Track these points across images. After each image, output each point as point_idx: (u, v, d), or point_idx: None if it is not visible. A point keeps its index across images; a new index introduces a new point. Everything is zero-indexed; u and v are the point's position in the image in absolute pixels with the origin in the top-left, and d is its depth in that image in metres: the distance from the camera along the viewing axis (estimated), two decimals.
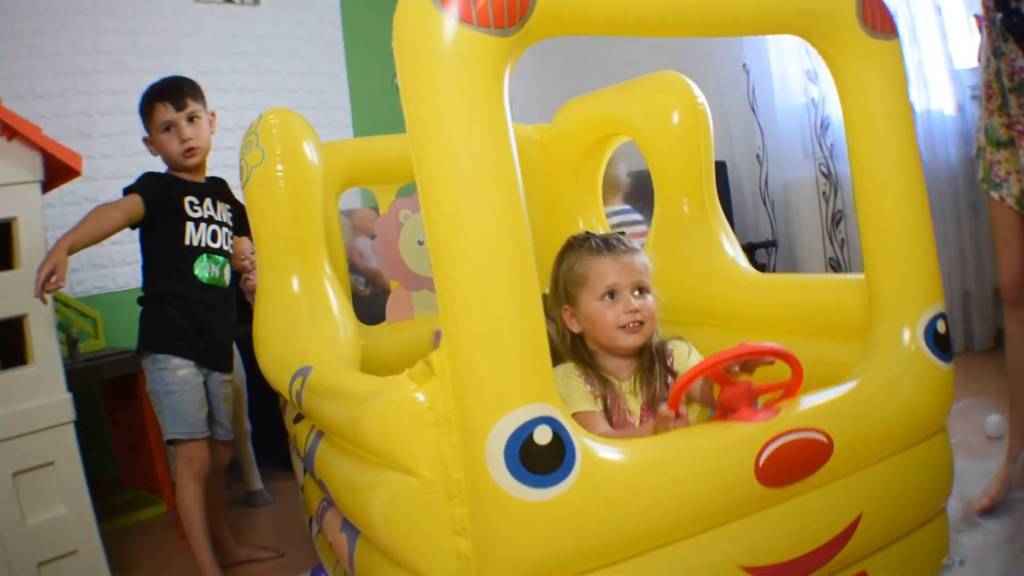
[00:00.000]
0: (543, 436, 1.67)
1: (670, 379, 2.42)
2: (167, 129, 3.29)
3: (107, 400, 4.85)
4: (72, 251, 2.96)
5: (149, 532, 4.26)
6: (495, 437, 1.66)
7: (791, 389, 2.05)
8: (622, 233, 2.56)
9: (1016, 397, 3.04)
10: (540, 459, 1.67)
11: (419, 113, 1.70)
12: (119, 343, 4.93)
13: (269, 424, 4.44)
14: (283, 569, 3.51)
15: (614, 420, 2.38)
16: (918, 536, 2.26)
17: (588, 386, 2.39)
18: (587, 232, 2.55)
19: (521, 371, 1.69)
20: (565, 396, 2.30)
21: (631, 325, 2.38)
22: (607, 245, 2.45)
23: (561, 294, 2.50)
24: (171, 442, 3.27)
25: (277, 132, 2.91)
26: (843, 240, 5.45)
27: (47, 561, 2.98)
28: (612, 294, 2.39)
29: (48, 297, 2.87)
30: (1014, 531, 2.79)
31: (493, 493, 1.69)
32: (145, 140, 3.39)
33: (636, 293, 2.40)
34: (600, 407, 2.38)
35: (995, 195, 2.87)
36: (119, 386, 4.65)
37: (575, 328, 2.47)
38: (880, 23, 2.20)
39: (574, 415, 2.19)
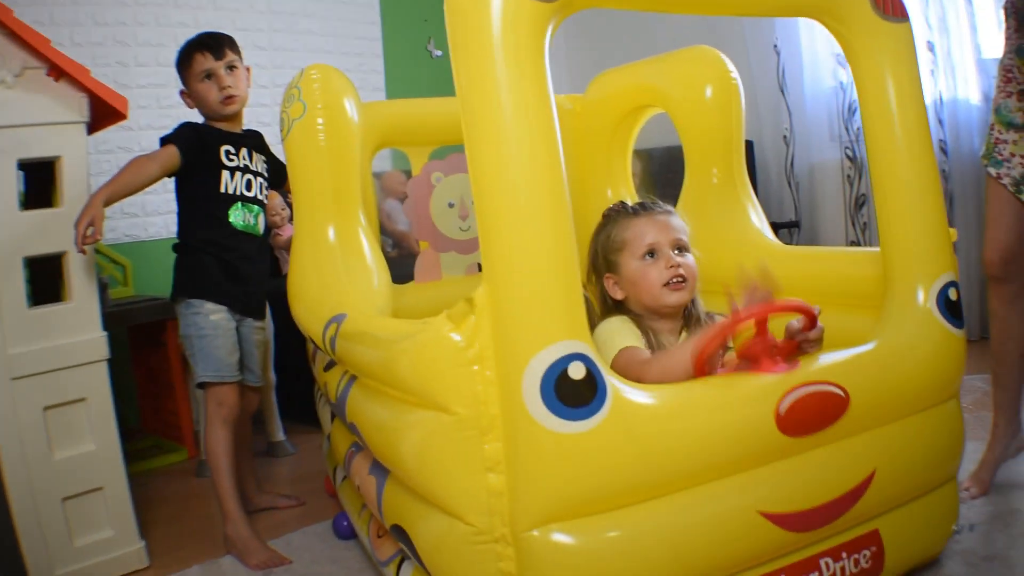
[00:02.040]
0: (577, 371, 1.77)
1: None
2: (207, 78, 3.31)
3: (132, 348, 4.92)
4: (109, 203, 2.99)
5: (170, 477, 4.32)
6: (532, 371, 1.75)
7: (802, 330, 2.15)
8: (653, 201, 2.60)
9: (1000, 375, 3.06)
10: (574, 393, 1.77)
11: (468, 72, 1.82)
12: (147, 291, 4.99)
13: (293, 378, 4.53)
14: (303, 517, 3.55)
15: None
16: (929, 500, 2.34)
17: (641, 337, 2.41)
18: (620, 202, 2.59)
19: (557, 309, 1.78)
20: (619, 332, 2.39)
21: (674, 282, 2.41)
22: (643, 207, 2.50)
23: (601, 265, 2.53)
24: (201, 385, 3.31)
25: (319, 87, 2.97)
26: (865, 224, 5.48)
27: (72, 496, 3.00)
28: (652, 253, 2.42)
29: (88, 248, 2.91)
30: (1020, 506, 2.84)
31: (528, 425, 1.77)
32: (182, 93, 3.42)
33: (676, 252, 2.43)
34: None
35: (993, 171, 2.89)
36: (145, 334, 4.72)
37: (618, 295, 2.49)
38: (892, 7, 2.31)
39: (624, 349, 2.27)
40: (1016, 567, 2.46)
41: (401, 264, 3.44)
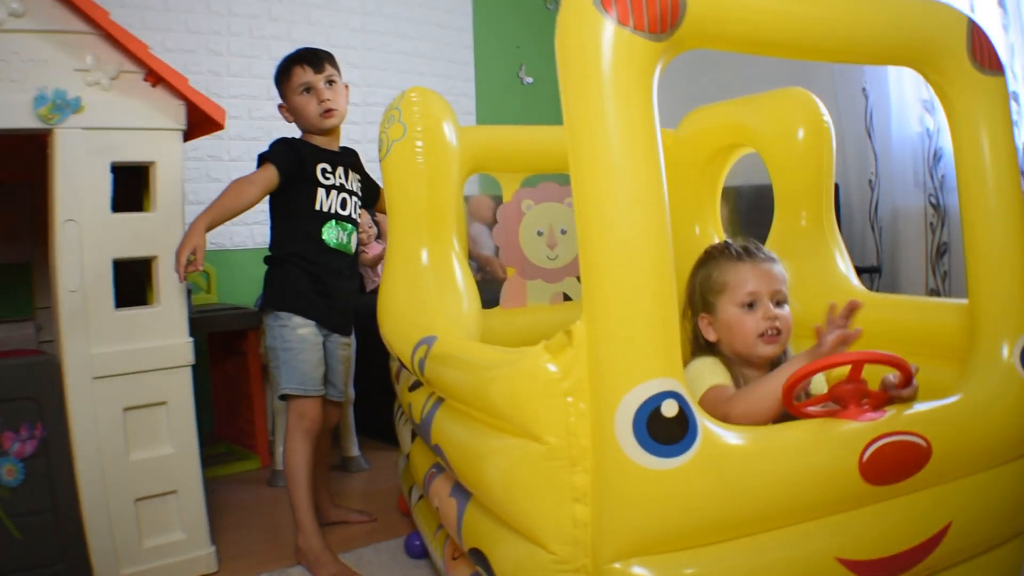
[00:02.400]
0: (670, 409, 1.78)
1: (802, 395, 2.40)
2: (306, 91, 3.35)
3: (211, 355, 4.99)
4: (210, 229, 3.05)
5: (242, 485, 4.37)
6: (626, 406, 1.77)
7: (895, 388, 2.16)
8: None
9: None
10: (666, 430, 1.78)
11: (577, 105, 1.85)
12: (229, 300, 5.05)
13: (370, 394, 4.56)
14: (375, 533, 3.57)
15: None
16: (997, 553, 2.34)
17: (730, 380, 2.41)
18: (726, 241, 2.59)
19: (655, 346, 1.80)
20: (710, 371, 2.40)
21: (769, 334, 2.41)
22: (748, 253, 2.49)
23: (698, 302, 2.53)
24: (284, 397, 3.34)
25: (419, 109, 3.00)
26: (946, 272, 5.43)
27: (145, 497, 3.04)
28: (752, 303, 2.42)
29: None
30: None
31: (618, 459, 1.79)
32: (280, 107, 3.46)
33: (775, 303, 2.43)
34: None
35: None
36: (225, 342, 4.78)
37: (711, 336, 2.49)
38: (988, 60, 2.32)
39: (712, 388, 2.29)
40: None
41: (484, 289, 3.47)
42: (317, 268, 3.35)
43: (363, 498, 4.12)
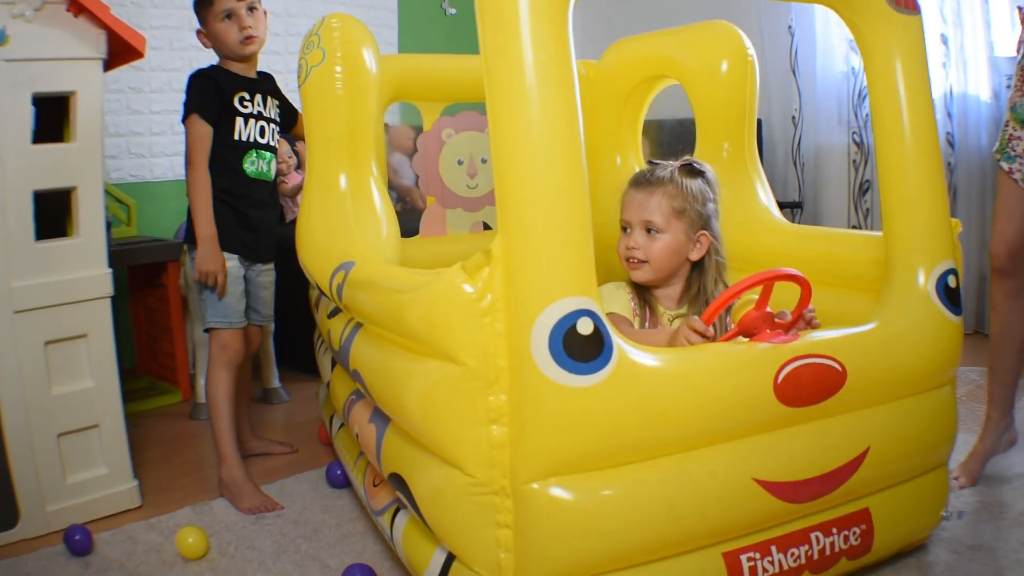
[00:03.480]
0: (585, 327, 1.80)
1: (729, 323, 2.46)
2: (227, 17, 3.28)
3: (131, 288, 4.93)
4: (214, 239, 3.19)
5: (164, 419, 4.34)
6: (542, 324, 1.78)
7: (801, 307, 2.21)
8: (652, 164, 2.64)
9: (996, 368, 3.09)
10: (581, 347, 1.80)
11: (493, 32, 1.85)
12: (149, 232, 4.97)
13: (290, 325, 4.53)
14: (296, 464, 3.57)
15: None
16: (919, 483, 2.38)
17: (632, 302, 2.50)
18: (649, 161, 2.65)
19: (569, 265, 1.82)
20: (607, 298, 2.46)
21: (632, 261, 2.50)
22: (638, 178, 2.58)
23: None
24: (207, 331, 3.34)
25: (339, 35, 2.97)
26: (867, 210, 5.50)
27: (68, 432, 3.01)
28: (625, 228, 2.51)
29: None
30: (1008, 499, 2.88)
31: (535, 378, 1.80)
32: (198, 33, 3.40)
33: (647, 231, 2.50)
34: (636, 325, 2.48)
35: (1005, 166, 2.91)
36: (145, 275, 4.72)
37: None
38: (904, 0, 2.34)
39: (608, 314, 2.28)
40: (1001, 558, 2.49)
41: (406, 219, 3.46)
42: (239, 201, 3.32)
43: (284, 429, 4.12)
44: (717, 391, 1.97)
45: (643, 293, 2.55)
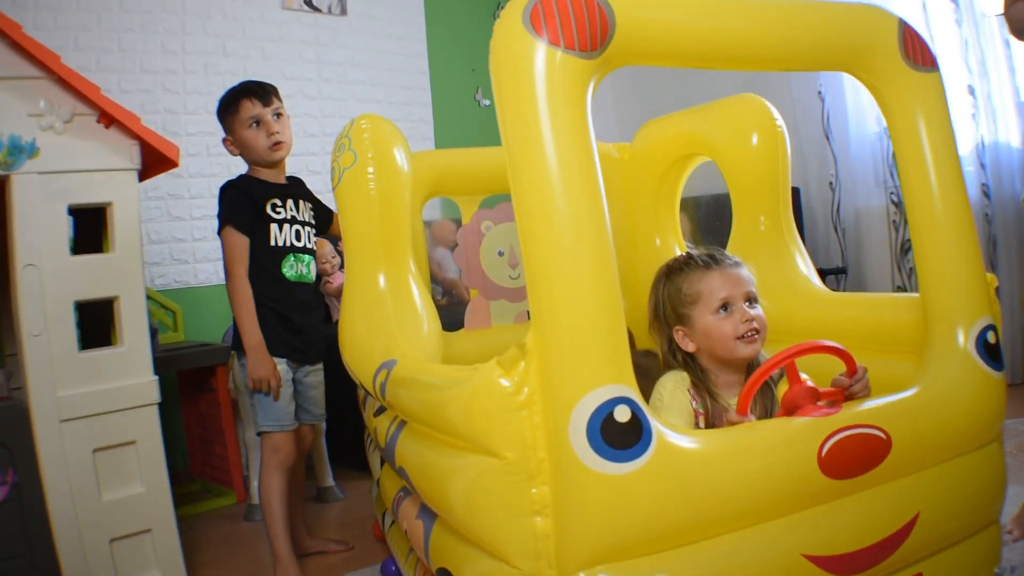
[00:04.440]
0: (623, 414, 1.80)
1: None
2: (254, 124, 3.35)
3: (181, 393, 4.96)
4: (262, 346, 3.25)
5: (218, 521, 4.35)
6: (579, 414, 1.78)
7: (850, 375, 2.20)
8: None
9: None
10: (620, 435, 1.79)
11: (513, 125, 1.87)
12: (197, 336, 5.03)
13: (342, 424, 4.54)
14: (352, 561, 3.56)
15: None
16: (972, 542, 2.34)
17: (693, 402, 2.42)
18: (687, 253, 2.60)
19: (602, 353, 1.82)
20: (669, 404, 2.42)
21: (748, 335, 2.41)
22: (714, 260, 2.49)
23: (670, 317, 2.52)
24: (259, 434, 3.37)
25: (369, 136, 3.01)
26: (911, 269, 5.46)
27: (120, 537, 3.03)
28: (726, 307, 2.42)
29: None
30: None
31: (575, 468, 1.80)
32: (225, 140, 3.47)
33: (747, 304, 2.44)
34: (703, 424, 2.41)
35: None
36: (194, 379, 4.76)
37: (690, 347, 2.48)
38: (922, 57, 2.35)
39: None
40: None
41: (451, 312, 3.48)
42: (282, 305, 3.37)
43: (339, 527, 4.11)
44: (759, 469, 1.95)
45: (706, 387, 2.46)
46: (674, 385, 2.47)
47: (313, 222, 3.54)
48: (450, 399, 2.05)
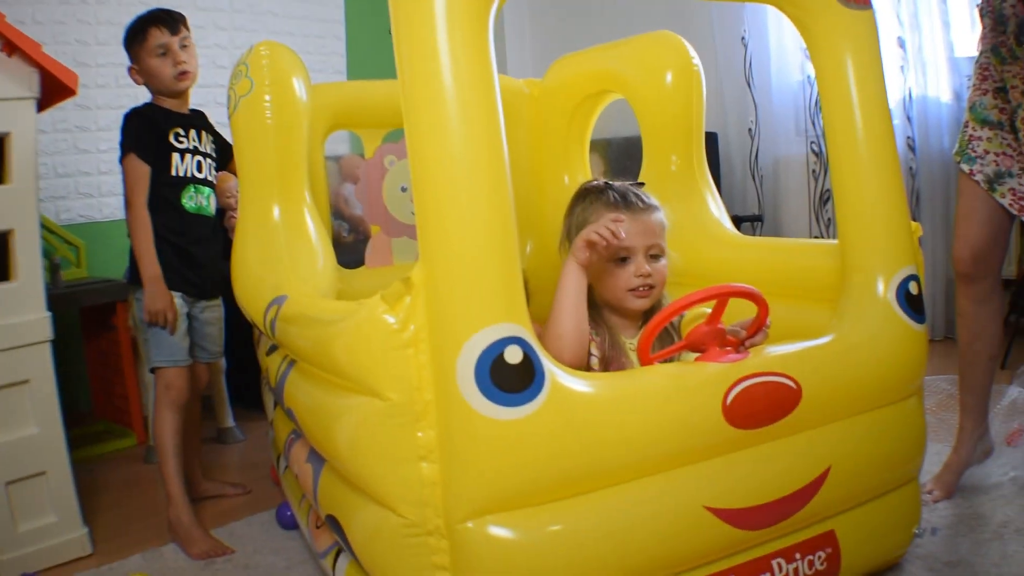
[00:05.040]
0: (514, 355, 1.73)
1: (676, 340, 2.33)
2: (161, 54, 3.28)
3: (84, 331, 4.83)
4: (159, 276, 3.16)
5: (118, 463, 4.26)
6: (467, 354, 1.71)
7: (757, 325, 2.13)
8: (640, 184, 2.50)
9: (967, 376, 3.01)
10: (511, 377, 1.72)
11: (408, 44, 1.79)
12: (101, 273, 4.91)
13: (243, 363, 4.45)
14: (249, 506, 3.51)
15: (611, 371, 2.30)
16: (888, 501, 2.30)
17: (590, 331, 2.31)
18: (605, 182, 2.47)
19: (494, 291, 1.74)
20: None
21: (641, 289, 2.33)
22: (625, 201, 2.38)
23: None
24: (153, 370, 3.29)
25: (267, 64, 2.92)
26: (829, 220, 5.46)
27: (15, 480, 2.96)
28: (625, 257, 2.33)
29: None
30: (986, 511, 2.80)
31: (462, 411, 1.73)
32: (130, 69, 3.39)
33: (649, 256, 2.34)
34: (598, 354, 2.33)
35: (966, 168, 2.85)
36: (97, 317, 4.64)
37: (590, 279, 2.35)
38: None
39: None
40: (981, 573, 2.42)
41: (357, 249, 3.40)
42: (180, 238, 3.30)
43: (238, 470, 4.06)
44: (659, 416, 1.88)
45: (602, 321, 2.39)
46: None
47: (214, 155, 3.47)
48: (334, 336, 1.98)
